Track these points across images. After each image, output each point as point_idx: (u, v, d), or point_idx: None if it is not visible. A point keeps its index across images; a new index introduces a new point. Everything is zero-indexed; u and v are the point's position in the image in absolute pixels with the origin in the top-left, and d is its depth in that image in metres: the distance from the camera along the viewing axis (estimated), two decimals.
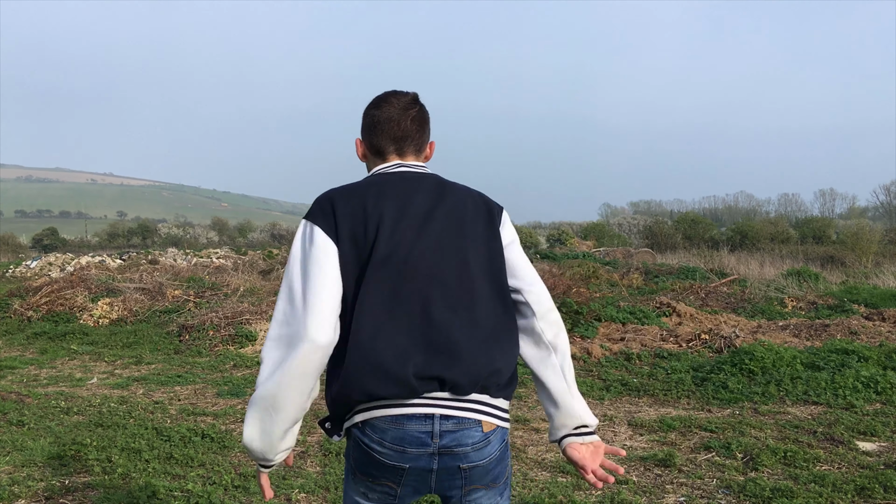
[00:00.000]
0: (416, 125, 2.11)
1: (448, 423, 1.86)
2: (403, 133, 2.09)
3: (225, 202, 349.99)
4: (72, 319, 12.16)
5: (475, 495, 1.97)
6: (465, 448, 1.87)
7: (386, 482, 1.91)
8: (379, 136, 2.09)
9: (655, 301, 12.91)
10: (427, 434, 1.85)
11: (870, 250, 34.61)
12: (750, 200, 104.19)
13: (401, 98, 2.10)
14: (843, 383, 6.47)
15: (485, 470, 1.93)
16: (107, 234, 78.68)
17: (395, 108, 2.08)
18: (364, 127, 2.13)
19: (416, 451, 1.85)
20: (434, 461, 1.87)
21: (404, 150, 2.10)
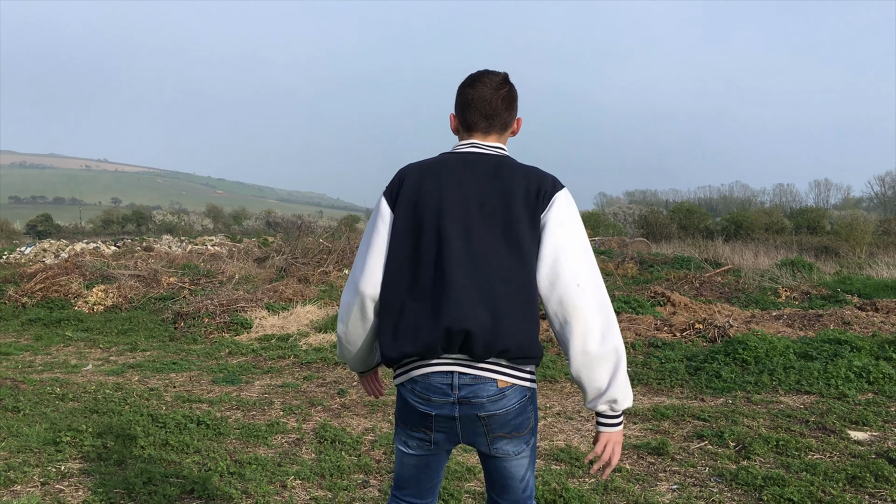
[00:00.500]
0: (506, 104, 2.28)
1: (466, 378, 2.11)
2: (494, 111, 2.26)
3: (220, 189, 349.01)
4: (66, 306, 12.15)
5: (500, 443, 2.19)
6: (480, 399, 2.12)
7: (421, 429, 2.21)
8: (471, 113, 2.27)
9: (650, 291, 12.95)
10: (447, 385, 2.12)
11: (864, 241, 34.69)
12: (745, 191, 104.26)
13: (493, 78, 2.27)
14: (835, 373, 6.50)
15: (503, 419, 2.15)
16: (101, 220, 78.46)
17: (488, 88, 2.26)
18: (458, 103, 2.31)
19: (440, 400, 2.13)
20: (455, 409, 2.13)
21: (492, 126, 2.28)
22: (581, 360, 2.10)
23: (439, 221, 2.13)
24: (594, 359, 2.09)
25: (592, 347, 2.08)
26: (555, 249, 2.11)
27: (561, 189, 2.19)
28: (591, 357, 2.08)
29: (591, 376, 2.11)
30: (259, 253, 20.64)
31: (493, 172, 2.20)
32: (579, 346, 2.08)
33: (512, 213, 2.12)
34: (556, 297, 2.10)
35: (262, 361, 8.21)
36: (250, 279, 15.33)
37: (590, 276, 2.11)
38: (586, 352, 2.08)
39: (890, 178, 78.18)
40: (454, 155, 2.27)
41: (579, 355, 2.09)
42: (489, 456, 2.24)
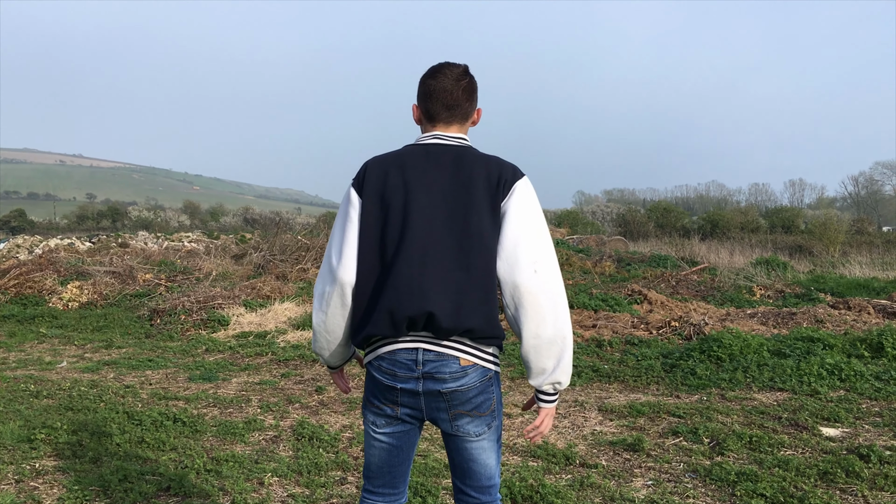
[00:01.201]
0: (466, 95, 2.36)
1: (430, 354, 2.20)
2: (455, 101, 2.34)
3: (197, 185, 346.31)
4: (41, 302, 12.02)
5: (461, 421, 2.27)
6: (443, 375, 2.20)
7: (388, 403, 2.29)
8: (433, 103, 2.35)
9: (627, 289, 13.03)
10: (412, 361, 2.21)
11: (837, 240, 35.17)
12: (721, 190, 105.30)
13: (453, 69, 2.35)
14: (808, 370, 6.59)
15: (464, 396, 2.24)
16: (76, 216, 77.64)
17: (449, 79, 2.34)
18: (420, 94, 2.39)
19: (405, 375, 2.22)
20: (419, 384, 2.22)
21: (453, 116, 2.36)
22: (532, 344, 2.22)
23: (405, 211, 2.22)
24: (544, 343, 2.22)
25: (544, 332, 2.21)
26: (515, 237, 2.21)
27: (521, 177, 2.29)
28: (541, 341, 2.22)
29: (539, 359, 2.25)
30: (237, 250, 20.53)
31: (456, 162, 2.28)
32: (532, 331, 2.21)
33: (473, 201, 2.22)
34: (513, 282, 2.19)
35: (240, 359, 8.18)
36: (228, 276, 15.25)
37: (546, 263, 2.22)
38: (538, 335, 2.21)
39: (863, 178, 79.40)
40: (418, 147, 2.35)
41: (531, 339, 2.22)
42: (451, 435, 2.31)
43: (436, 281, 2.17)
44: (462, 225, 2.21)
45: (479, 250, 2.19)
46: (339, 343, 2.38)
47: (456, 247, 2.20)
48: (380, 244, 2.24)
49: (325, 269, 2.34)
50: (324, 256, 2.37)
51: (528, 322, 2.20)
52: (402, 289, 2.17)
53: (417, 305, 2.15)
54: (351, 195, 2.31)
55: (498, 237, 2.22)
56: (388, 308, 2.17)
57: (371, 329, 2.21)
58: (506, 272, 2.20)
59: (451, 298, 2.16)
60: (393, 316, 2.17)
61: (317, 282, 2.37)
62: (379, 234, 2.24)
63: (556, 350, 2.24)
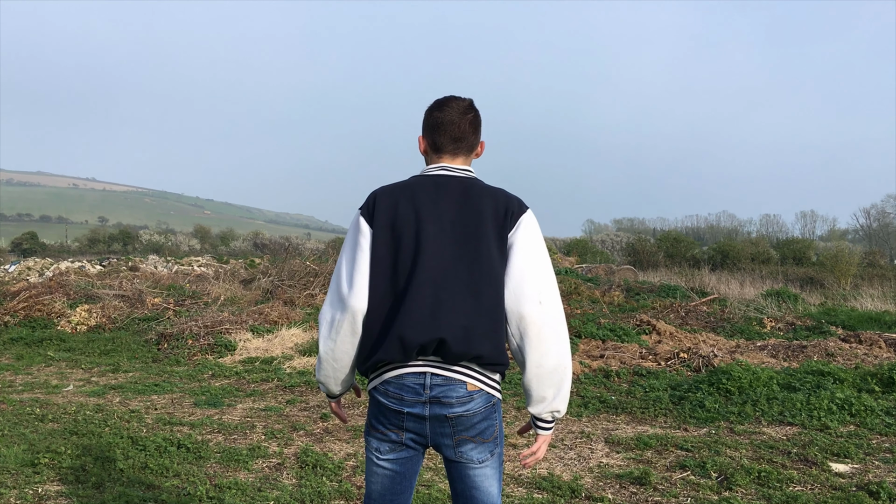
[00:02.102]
0: (472, 128, 2.44)
1: (437, 378, 2.24)
2: (461, 134, 2.41)
3: (208, 210, 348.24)
4: (49, 325, 12.05)
5: (465, 447, 2.30)
6: (450, 399, 2.24)
7: (393, 428, 2.30)
8: (440, 136, 2.42)
9: (636, 319, 12.97)
10: (420, 385, 2.24)
11: (849, 273, 34.98)
12: (732, 220, 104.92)
13: (460, 103, 2.43)
14: (818, 405, 6.52)
15: (469, 422, 2.27)
16: (87, 239, 78.13)
17: (455, 112, 2.41)
18: (426, 126, 2.46)
19: (412, 399, 2.25)
20: (426, 409, 2.25)
21: (459, 148, 2.42)
22: (535, 373, 2.29)
23: (416, 240, 2.27)
24: (546, 372, 2.29)
25: (547, 362, 2.27)
26: (521, 269, 2.28)
27: (526, 210, 2.36)
28: (544, 370, 2.28)
29: (541, 387, 2.31)
30: (245, 274, 20.58)
31: (464, 194, 2.35)
32: (535, 360, 2.27)
33: (482, 231, 2.29)
34: (519, 313, 2.26)
35: (246, 384, 8.16)
36: (236, 301, 15.27)
37: (550, 295, 2.30)
38: (541, 365, 2.27)
39: (875, 210, 79.06)
40: (426, 178, 2.40)
41: (534, 368, 2.28)
42: (454, 462, 2.33)
43: (447, 309, 2.21)
44: (472, 255, 2.26)
45: (488, 280, 2.25)
46: (347, 371, 2.40)
47: (466, 276, 2.25)
48: (392, 273, 2.28)
49: (334, 297, 2.35)
50: (331, 283, 2.40)
51: (532, 352, 2.26)
52: (415, 316, 2.21)
53: (429, 332, 2.19)
54: (360, 224, 2.34)
55: (505, 267, 2.27)
56: (400, 335, 2.20)
57: (381, 355, 2.24)
58: (512, 303, 2.26)
59: (462, 325, 2.21)
60: (404, 342, 2.20)
61: (324, 309, 2.38)
62: (391, 262, 2.28)
63: (557, 379, 2.30)
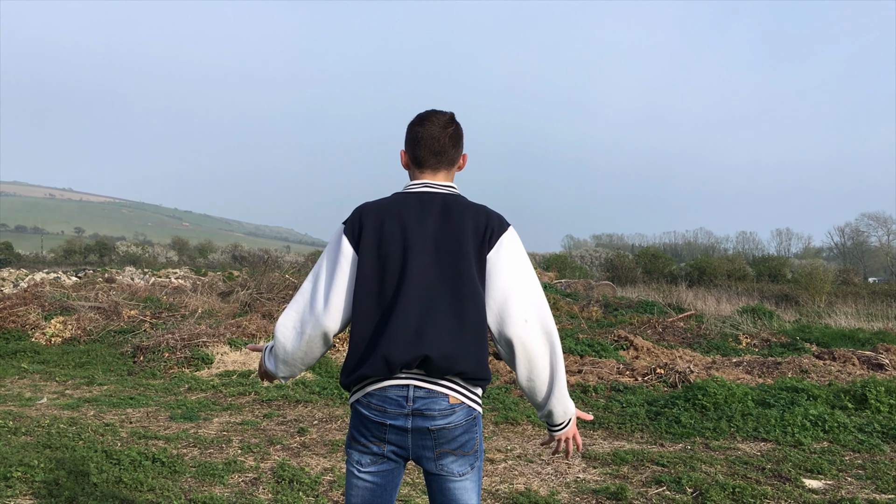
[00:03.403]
0: (453, 142, 2.46)
1: (420, 391, 2.26)
2: (442, 148, 2.44)
3: (186, 222, 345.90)
4: (23, 337, 11.90)
5: (446, 460, 2.31)
6: (432, 412, 2.25)
7: (375, 440, 2.31)
8: (421, 150, 2.44)
9: (614, 334, 13.04)
10: (403, 398, 2.26)
11: (823, 290, 35.39)
12: (709, 237, 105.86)
13: (440, 117, 2.46)
14: (792, 421, 6.59)
15: (451, 434, 2.28)
16: (63, 250, 77.26)
17: (436, 126, 2.44)
18: (408, 141, 2.48)
19: (394, 411, 2.26)
20: (409, 421, 2.26)
21: (441, 162, 2.45)
22: (526, 385, 2.36)
23: (403, 260, 2.29)
24: (537, 384, 2.34)
25: (537, 376, 2.32)
26: (503, 290, 2.30)
27: (507, 228, 2.38)
28: (534, 383, 2.34)
29: (534, 397, 2.38)
30: (224, 287, 20.44)
31: (445, 211, 2.37)
32: (524, 375, 2.33)
33: (463, 250, 2.30)
34: (505, 334, 2.29)
35: (222, 398, 8.11)
36: (213, 314, 15.16)
37: (536, 310, 2.32)
38: (531, 379, 2.33)
39: (849, 229, 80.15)
40: (410, 195, 2.42)
41: (525, 381, 2.34)
42: (434, 475, 2.34)
43: (431, 328, 2.23)
44: (453, 273, 2.28)
45: (470, 298, 2.27)
46: (307, 366, 2.47)
47: (449, 295, 2.27)
48: (377, 291, 2.29)
49: (305, 310, 2.37)
50: (301, 293, 2.40)
51: (521, 368, 2.31)
52: (399, 335, 2.23)
53: (414, 351, 2.22)
54: (343, 244, 2.35)
55: (486, 285, 2.31)
56: (385, 353, 2.23)
57: (366, 371, 2.26)
58: (497, 325, 2.30)
59: (446, 343, 2.23)
60: (388, 361, 2.22)
61: (290, 316, 2.39)
62: (376, 281, 2.30)
63: (546, 388, 2.35)
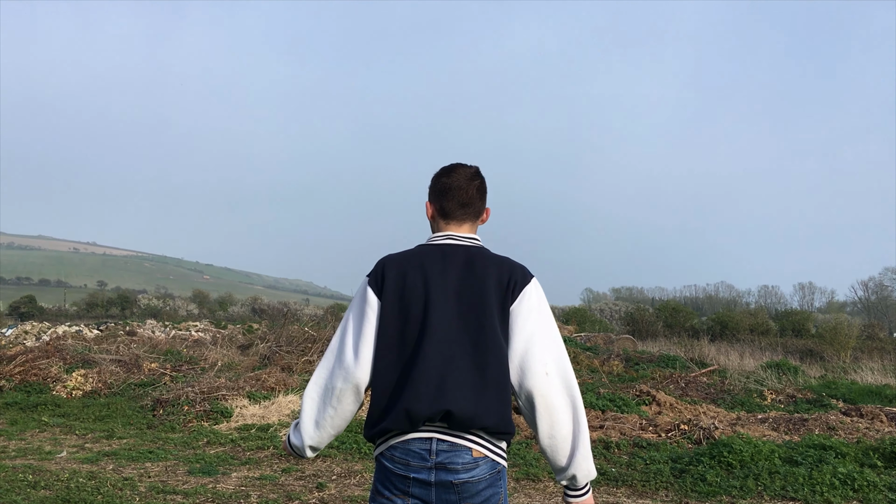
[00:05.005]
0: (479, 194, 2.49)
1: (444, 444, 2.23)
2: (468, 200, 2.46)
3: (207, 275, 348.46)
4: (45, 390, 11.96)
5: None
6: (456, 465, 2.23)
7: (398, 493, 2.28)
8: (448, 201, 2.46)
9: (635, 389, 12.88)
10: (426, 451, 2.24)
11: (848, 345, 34.86)
12: (730, 291, 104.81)
13: (467, 170, 2.50)
14: (820, 479, 6.44)
15: (475, 489, 2.25)
16: (85, 303, 77.96)
17: (463, 178, 2.47)
18: (434, 192, 2.51)
19: (418, 464, 2.24)
20: (432, 475, 2.23)
21: (467, 214, 2.47)
22: (548, 443, 2.31)
23: (424, 312, 2.29)
24: (559, 442, 2.30)
25: (558, 432, 2.29)
26: (525, 343, 2.29)
27: (530, 280, 2.37)
28: (556, 441, 2.30)
29: (556, 456, 2.32)
30: (243, 340, 20.49)
31: (469, 264, 2.37)
32: (546, 431, 2.29)
33: (486, 302, 2.30)
34: (526, 387, 2.27)
35: (241, 452, 8.06)
36: (233, 366, 15.18)
37: (557, 363, 2.31)
38: (552, 436, 2.29)
39: (873, 283, 79.22)
40: (433, 247, 2.43)
41: (546, 438, 2.30)
42: None
43: (453, 382, 2.22)
44: (476, 326, 2.28)
45: (493, 352, 2.25)
46: (335, 434, 2.43)
47: (471, 348, 2.26)
48: (399, 344, 2.29)
49: (335, 365, 2.36)
50: (329, 350, 2.40)
51: (542, 424, 2.28)
52: (421, 389, 2.22)
53: (436, 406, 2.20)
54: (368, 295, 2.36)
55: (508, 338, 2.30)
56: (407, 407, 2.21)
57: (388, 424, 2.25)
58: (518, 377, 2.29)
59: (468, 398, 2.21)
60: (410, 414, 2.21)
61: (321, 376, 2.39)
62: (398, 333, 2.30)
63: (569, 447, 2.30)
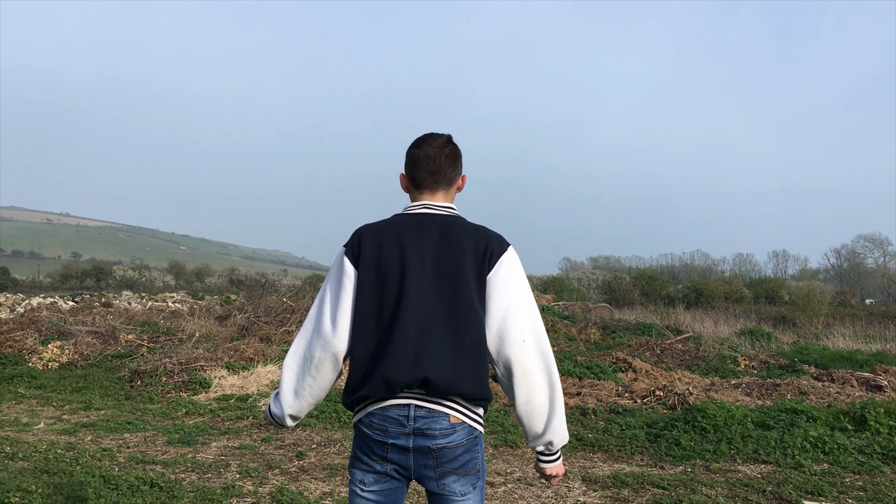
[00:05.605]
0: (449, 161, 2.48)
1: (421, 410, 2.26)
2: (438, 168, 2.46)
3: (183, 246, 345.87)
4: (20, 362, 11.87)
5: (448, 479, 2.31)
6: (433, 431, 2.26)
7: (377, 459, 2.31)
8: (418, 170, 2.47)
9: (612, 356, 13.03)
10: (404, 417, 2.26)
11: (820, 312, 35.42)
12: (706, 259, 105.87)
13: (437, 139, 2.49)
14: (792, 443, 6.58)
15: (452, 454, 2.29)
16: (60, 275, 77.20)
17: (433, 147, 2.47)
18: (406, 163, 2.51)
19: (396, 430, 2.27)
20: (410, 440, 2.26)
21: (438, 182, 2.47)
22: (524, 410, 2.34)
23: (401, 281, 2.30)
24: (535, 408, 2.33)
25: (535, 398, 2.32)
26: (503, 311, 2.31)
27: (507, 248, 2.38)
28: (532, 407, 2.33)
29: (531, 423, 2.36)
30: (221, 311, 20.43)
31: (445, 233, 2.38)
32: (523, 397, 2.32)
33: (463, 271, 2.31)
34: (503, 354, 2.30)
35: (220, 422, 8.07)
36: (211, 337, 15.14)
37: (533, 331, 2.33)
38: (529, 402, 2.32)
39: (845, 250, 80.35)
40: (409, 217, 2.44)
41: (523, 405, 2.33)
42: (437, 495, 2.35)
43: (430, 349, 2.24)
44: (453, 295, 2.29)
45: (470, 319, 2.27)
46: (314, 404, 2.45)
47: (448, 317, 2.28)
48: (376, 313, 2.31)
49: (313, 335, 2.38)
50: (308, 320, 2.41)
51: (519, 390, 2.31)
52: (399, 357, 2.24)
53: (413, 373, 2.22)
54: (345, 264, 2.37)
55: (486, 306, 2.32)
56: (385, 375, 2.23)
57: (366, 392, 2.27)
58: (496, 345, 2.31)
59: (446, 366, 2.23)
60: (388, 382, 2.23)
61: (300, 346, 2.41)
62: (375, 302, 2.31)
63: (545, 413, 2.34)
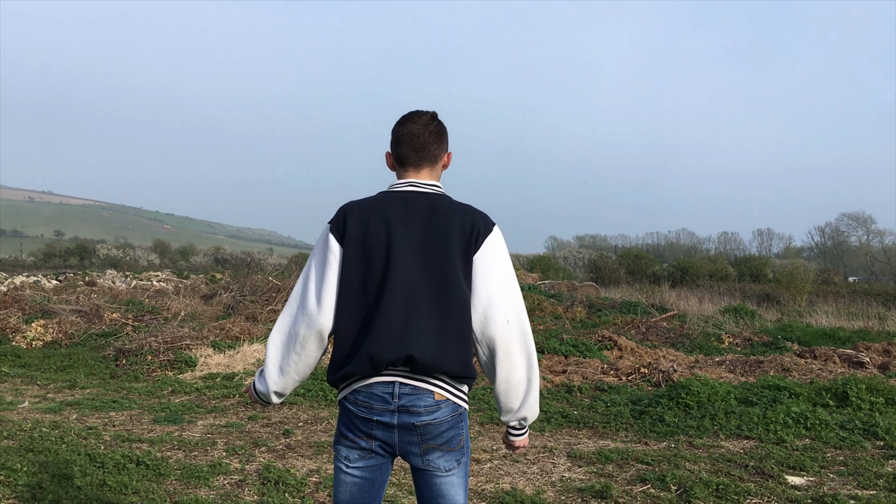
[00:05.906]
0: (434, 138, 2.47)
1: (406, 388, 2.28)
2: (422, 145, 2.45)
3: (168, 224, 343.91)
4: (3, 341, 11.79)
5: (432, 455, 2.34)
6: (418, 408, 2.28)
7: (362, 435, 2.33)
8: (403, 148, 2.46)
9: (598, 335, 13.10)
10: (389, 394, 2.28)
11: (804, 290, 35.66)
12: (691, 238, 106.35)
13: (422, 116, 2.48)
14: (774, 419, 6.65)
15: (437, 430, 2.31)
16: (43, 253, 76.67)
17: (417, 125, 2.46)
18: (392, 141, 2.50)
19: (381, 407, 2.29)
20: (394, 417, 2.28)
21: (423, 159, 2.46)
22: (503, 388, 2.39)
23: (387, 259, 2.31)
24: (513, 387, 2.39)
25: (514, 377, 2.37)
26: (488, 290, 2.33)
27: (493, 229, 2.40)
28: (511, 385, 2.38)
29: (509, 400, 2.42)
30: (206, 290, 20.35)
31: (431, 211, 2.38)
32: (503, 376, 2.37)
33: (448, 250, 2.32)
34: (488, 334, 2.33)
35: (206, 400, 8.07)
36: (196, 316, 15.08)
37: (517, 313, 2.37)
38: (508, 381, 2.37)
39: (829, 229, 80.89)
40: (395, 194, 2.43)
41: (503, 383, 2.38)
42: (421, 471, 2.37)
43: (416, 327, 2.25)
44: (438, 274, 2.30)
45: (455, 298, 2.29)
46: (300, 381, 2.47)
47: (433, 295, 2.29)
48: (361, 290, 2.31)
49: (298, 312, 2.38)
50: (292, 297, 2.42)
51: (500, 369, 2.35)
52: (384, 335, 2.25)
53: (399, 351, 2.24)
54: (330, 241, 2.37)
55: (471, 285, 2.33)
56: (369, 352, 2.24)
57: (351, 369, 2.28)
58: (480, 324, 2.34)
59: (431, 343, 2.25)
60: (373, 359, 2.24)
61: (285, 323, 2.41)
62: (360, 280, 2.32)
63: (522, 391, 2.39)
